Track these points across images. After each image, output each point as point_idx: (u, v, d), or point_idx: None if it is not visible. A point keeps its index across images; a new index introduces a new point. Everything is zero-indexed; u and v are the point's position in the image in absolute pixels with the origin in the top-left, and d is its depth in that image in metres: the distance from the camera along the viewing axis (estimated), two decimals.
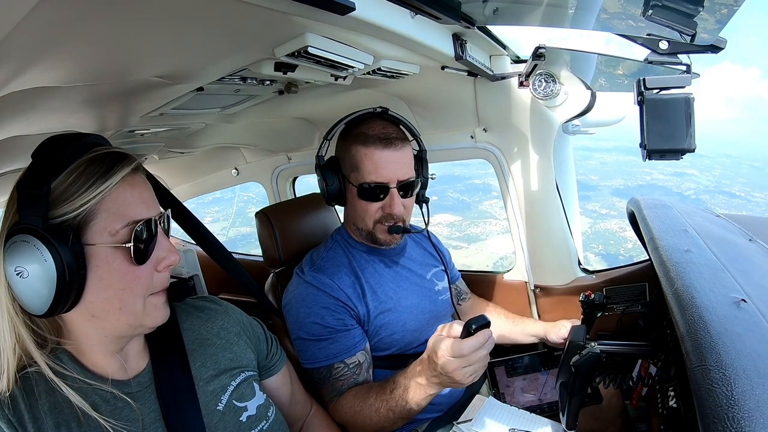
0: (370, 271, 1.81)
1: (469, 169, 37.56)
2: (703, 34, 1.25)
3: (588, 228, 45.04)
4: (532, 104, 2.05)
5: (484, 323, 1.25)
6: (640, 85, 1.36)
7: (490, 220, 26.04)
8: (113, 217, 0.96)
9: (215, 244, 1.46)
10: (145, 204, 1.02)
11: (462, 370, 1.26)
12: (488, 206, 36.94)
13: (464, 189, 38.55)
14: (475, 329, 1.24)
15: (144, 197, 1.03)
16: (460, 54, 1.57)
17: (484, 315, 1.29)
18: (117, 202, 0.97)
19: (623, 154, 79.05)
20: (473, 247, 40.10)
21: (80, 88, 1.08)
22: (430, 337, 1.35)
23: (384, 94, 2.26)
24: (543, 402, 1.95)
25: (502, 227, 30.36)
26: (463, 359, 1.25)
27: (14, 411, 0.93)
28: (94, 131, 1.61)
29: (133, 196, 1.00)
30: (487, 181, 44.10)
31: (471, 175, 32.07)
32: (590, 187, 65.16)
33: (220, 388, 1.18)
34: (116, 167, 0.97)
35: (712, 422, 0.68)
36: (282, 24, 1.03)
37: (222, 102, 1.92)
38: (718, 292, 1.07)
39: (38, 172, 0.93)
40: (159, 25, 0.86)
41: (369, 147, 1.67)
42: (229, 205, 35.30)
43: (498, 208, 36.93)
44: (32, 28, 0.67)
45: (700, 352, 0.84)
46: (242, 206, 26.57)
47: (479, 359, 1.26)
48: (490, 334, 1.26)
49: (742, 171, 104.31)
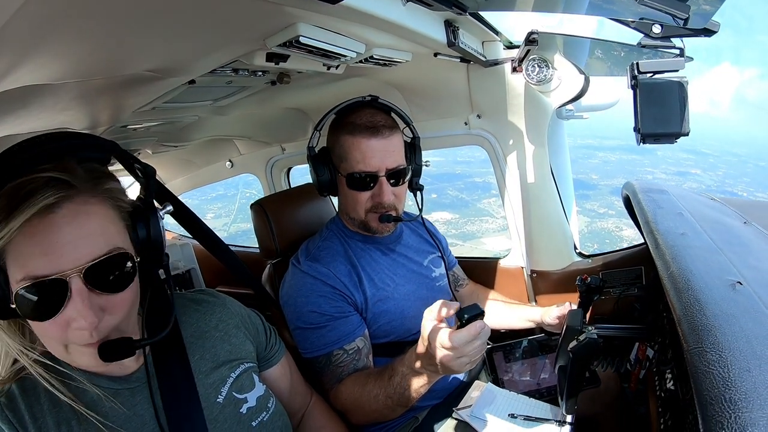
0: (366, 260, 1.81)
1: (470, 167, 37.64)
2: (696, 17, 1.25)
3: (585, 227, 45.03)
4: (525, 90, 2.05)
5: (477, 313, 1.23)
6: (633, 69, 1.36)
7: (487, 218, 26.13)
8: (15, 265, 0.87)
9: (212, 237, 1.46)
10: (50, 255, 0.86)
11: (457, 360, 1.25)
12: (486, 204, 36.92)
13: (464, 187, 38.55)
14: (468, 320, 1.23)
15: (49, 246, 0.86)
16: (452, 40, 1.56)
17: (477, 304, 1.27)
18: (18, 250, 0.86)
19: (627, 153, 78.97)
20: (468, 244, 40.02)
21: (71, 84, 1.07)
22: (422, 324, 1.35)
23: (377, 83, 2.25)
24: (541, 387, 1.96)
25: (499, 225, 30.39)
26: (457, 351, 1.24)
27: (14, 411, 0.93)
28: (87, 128, 1.61)
29: (34, 245, 0.85)
30: (488, 179, 44.08)
31: (472, 173, 32.17)
32: (590, 186, 64.84)
33: (220, 380, 1.18)
34: (22, 206, 0.84)
35: (710, 404, 0.68)
36: (273, 14, 1.03)
37: (214, 94, 1.91)
38: (714, 274, 1.08)
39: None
40: (149, 19, 0.85)
41: (356, 136, 1.66)
42: (231, 202, 35.25)
43: (496, 206, 36.98)
44: (21, 26, 0.66)
45: (697, 334, 0.85)
46: (244, 203, 26.51)
47: (474, 350, 1.25)
48: (483, 324, 1.24)
49: (747, 170, 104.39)
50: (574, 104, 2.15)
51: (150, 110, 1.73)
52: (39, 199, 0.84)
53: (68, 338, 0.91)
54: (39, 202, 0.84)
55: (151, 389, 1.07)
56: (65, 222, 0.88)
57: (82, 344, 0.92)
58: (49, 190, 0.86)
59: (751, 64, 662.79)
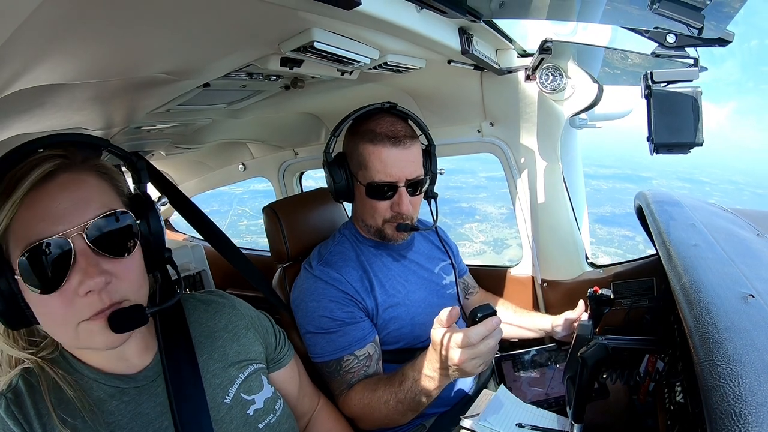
0: (378, 266, 1.81)
1: (460, 192, 37.65)
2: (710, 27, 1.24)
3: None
4: (539, 98, 2.04)
5: (490, 312, 1.25)
6: (647, 79, 1.35)
7: (465, 242, 26.15)
8: (16, 242, 0.87)
9: (222, 240, 1.46)
10: (48, 220, 0.87)
11: (471, 361, 1.25)
12: (467, 229, 36.84)
13: (449, 212, 38.69)
14: (481, 317, 1.24)
15: (49, 212, 0.87)
16: (466, 48, 1.56)
17: (489, 304, 1.29)
18: (18, 223, 0.87)
19: (620, 182, 78.43)
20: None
21: (86, 85, 1.08)
22: (431, 332, 1.35)
23: (390, 89, 2.26)
24: (550, 396, 1.95)
25: (476, 249, 30.34)
26: (470, 350, 1.24)
27: (20, 407, 0.93)
28: (101, 128, 1.62)
29: (34, 214, 0.87)
30: (474, 204, 44.04)
31: (460, 199, 32.13)
32: None
33: (228, 380, 1.18)
34: (21, 182, 0.86)
35: (719, 417, 0.68)
36: (288, 19, 1.03)
37: (228, 98, 1.92)
38: (726, 287, 1.06)
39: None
40: (165, 21, 0.86)
41: (377, 145, 1.66)
42: (223, 218, 35.42)
43: (477, 231, 37.00)
44: (38, 26, 0.67)
45: (708, 347, 0.84)
46: (235, 219, 26.70)
47: (488, 348, 1.25)
48: (499, 321, 1.26)
49: (743, 198, 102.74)
50: (587, 113, 2.15)
51: (164, 112, 1.75)
52: (37, 171, 0.87)
53: (77, 312, 0.90)
54: (36, 172, 0.86)
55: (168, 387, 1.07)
56: (62, 188, 0.90)
57: (92, 314, 0.90)
58: (47, 163, 0.89)
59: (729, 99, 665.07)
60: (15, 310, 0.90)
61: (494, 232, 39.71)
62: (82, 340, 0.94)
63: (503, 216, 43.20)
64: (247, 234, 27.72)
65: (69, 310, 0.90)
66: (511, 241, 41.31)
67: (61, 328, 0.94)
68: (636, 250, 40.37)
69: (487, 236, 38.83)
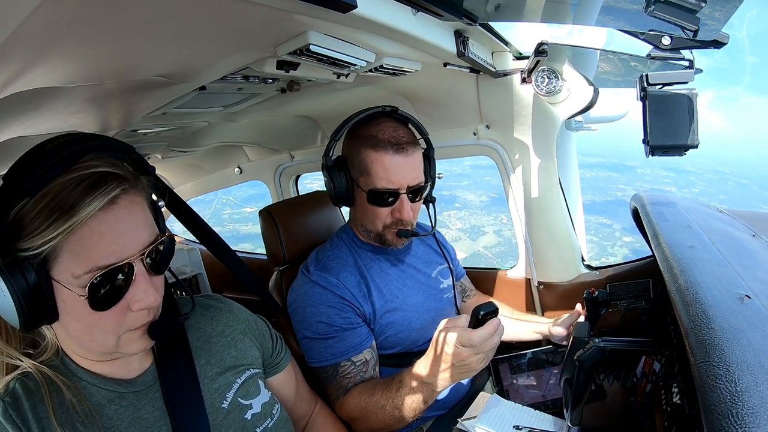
0: (375, 270, 1.81)
1: (442, 180, 38.71)
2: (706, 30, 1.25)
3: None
4: (534, 101, 2.04)
5: (493, 310, 1.26)
6: (642, 81, 1.36)
7: (441, 229, 26.73)
8: (75, 260, 0.88)
9: (219, 243, 1.46)
10: (117, 244, 0.90)
11: (474, 357, 1.27)
12: (445, 216, 36.83)
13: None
14: (483, 316, 1.25)
15: (117, 236, 0.91)
16: (462, 51, 1.56)
17: (492, 302, 1.30)
18: (80, 244, 0.87)
19: (604, 171, 78.33)
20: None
21: (82, 88, 1.08)
22: (435, 331, 1.36)
23: (386, 92, 2.26)
24: (547, 399, 1.95)
25: (451, 236, 30.35)
26: (474, 349, 1.26)
27: (18, 411, 0.92)
28: (97, 131, 1.62)
29: (101, 237, 0.89)
30: (455, 192, 43.90)
31: (441, 187, 32.64)
32: None
33: (225, 385, 1.18)
34: (86, 199, 0.86)
35: (716, 418, 0.68)
36: (284, 22, 1.03)
37: (224, 101, 1.92)
38: (722, 288, 1.07)
39: (2, 197, 0.87)
40: (160, 25, 0.86)
41: (380, 152, 1.64)
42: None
43: (455, 219, 36.87)
44: (34, 29, 0.67)
45: (704, 348, 0.84)
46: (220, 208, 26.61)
47: (491, 347, 1.28)
48: (499, 321, 1.28)
49: (727, 188, 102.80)
50: (583, 116, 2.15)
51: (160, 115, 1.74)
52: (101, 192, 0.88)
53: (125, 324, 0.96)
54: (104, 196, 0.88)
55: (163, 391, 1.09)
56: (125, 212, 0.93)
57: (138, 326, 0.98)
58: (110, 184, 0.90)
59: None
60: (41, 314, 0.91)
61: (472, 219, 39.41)
62: (120, 347, 0.99)
63: (483, 204, 42.94)
64: (230, 222, 27.34)
65: (120, 322, 0.96)
66: (487, 228, 41.07)
67: (104, 336, 0.97)
68: (612, 237, 40.11)
69: (465, 223, 38.51)
